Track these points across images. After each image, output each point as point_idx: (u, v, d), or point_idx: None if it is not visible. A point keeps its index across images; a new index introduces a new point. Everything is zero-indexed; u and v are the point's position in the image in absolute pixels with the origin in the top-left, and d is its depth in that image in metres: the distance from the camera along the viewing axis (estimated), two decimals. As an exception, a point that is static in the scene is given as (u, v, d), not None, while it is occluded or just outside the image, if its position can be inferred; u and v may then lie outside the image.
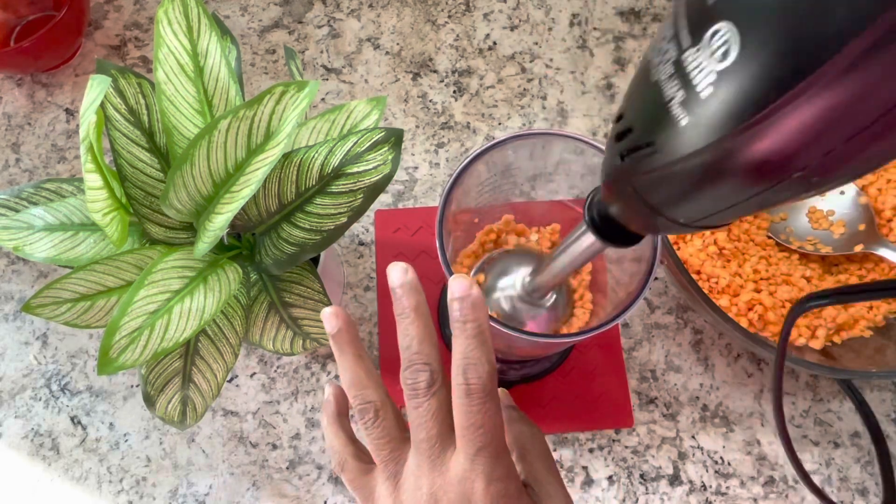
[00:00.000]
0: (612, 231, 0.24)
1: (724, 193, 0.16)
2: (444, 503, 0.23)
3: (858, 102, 0.12)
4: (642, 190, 0.18)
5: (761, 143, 0.13)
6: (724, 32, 0.13)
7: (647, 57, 0.16)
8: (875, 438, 0.46)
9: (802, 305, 0.28)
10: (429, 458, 0.24)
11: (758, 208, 0.16)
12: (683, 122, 0.15)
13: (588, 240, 0.25)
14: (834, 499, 0.46)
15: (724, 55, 0.13)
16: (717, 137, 0.14)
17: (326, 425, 0.28)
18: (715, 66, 0.13)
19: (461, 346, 0.23)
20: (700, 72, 0.14)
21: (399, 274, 0.25)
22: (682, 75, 0.14)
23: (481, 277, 0.42)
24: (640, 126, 0.17)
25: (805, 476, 0.38)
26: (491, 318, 0.28)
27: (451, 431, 0.24)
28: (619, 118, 0.18)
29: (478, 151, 0.33)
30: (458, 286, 0.24)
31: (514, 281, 0.40)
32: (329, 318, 0.26)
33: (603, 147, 0.32)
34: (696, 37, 0.14)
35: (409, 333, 0.24)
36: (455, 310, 0.24)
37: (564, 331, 0.41)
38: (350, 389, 0.26)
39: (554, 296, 0.41)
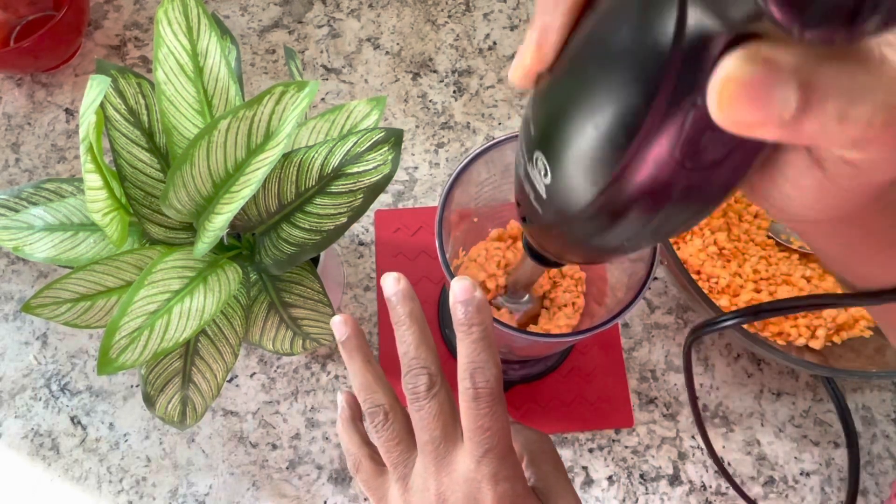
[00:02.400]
0: (542, 259, 0.27)
1: (588, 246, 0.20)
2: (451, 503, 0.23)
3: (637, 201, 0.16)
4: (540, 242, 0.24)
5: (594, 221, 0.18)
6: (539, 159, 0.17)
7: (516, 150, 0.21)
8: (848, 439, 0.46)
9: (698, 332, 0.30)
10: (434, 459, 0.24)
11: (631, 249, 0.20)
12: (540, 211, 0.19)
13: (530, 262, 0.28)
14: (834, 499, 0.47)
15: (545, 174, 0.17)
16: (562, 221, 0.19)
17: (341, 430, 0.29)
18: (543, 180, 0.18)
19: (467, 349, 0.24)
20: (536, 182, 0.18)
21: (392, 283, 0.26)
22: (529, 181, 0.19)
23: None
24: (522, 205, 0.21)
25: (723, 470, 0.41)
26: (493, 319, 0.28)
27: (454, 431, 0.24)
28: (515, 189, 0.23)
29: (477, 151, 0.33)
30: (462, 289, 0.24)
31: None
32: (339, 325, 0.28)
33: None
34: (529, 157, 0.18)
35: (406, 340, 0.25)
36: (459, 313, 0.24)
37: (537, 326, 0.42)
38: (360, 393, 0.27)
39: (529, 297, 0.42)
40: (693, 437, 0.48)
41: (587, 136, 0.15)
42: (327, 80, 0.59)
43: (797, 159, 0.15)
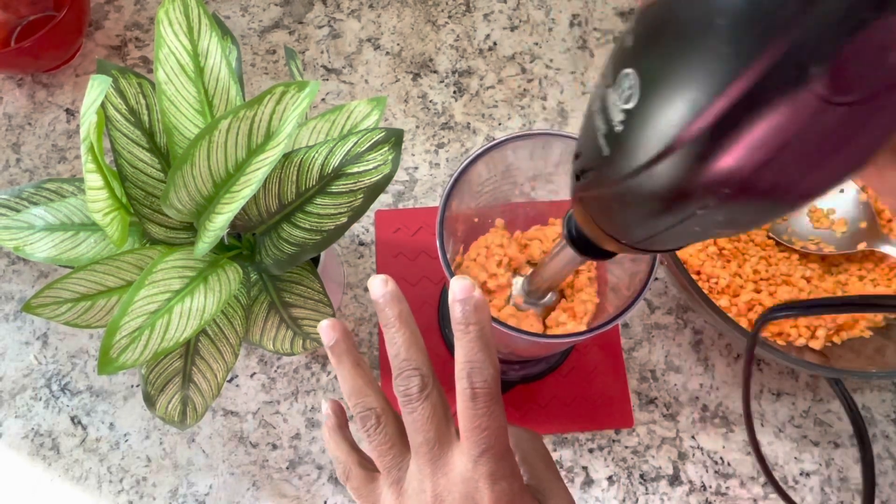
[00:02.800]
0: (586, 246, 0.25)
1: (651, 219, 0.17)
2: None
3: (738, 145, 0.13)
4: (591, 212, 0.20)
5: (664, 178, 0.14)
6: (630, 77, 0.14)
7: (591, 97, 0.18)
8: (861, 442, 0.46)
9: (769, 315, 0.29)
10: (429, 460, 0.24)
11: (695, 236, 0.17)
12: (605, 153, 0.16)
13: (568, 253, 0.26)
14: (834, 499, 0.47)
15: (629, 98, 0.14)
16: (630, 169, 0.15)
17: (328, 438, 0.28)
18: (623, 105, 0.15)
19: (464, 349, 0.23)
20: (614, 109, 0.15)
21: (379, 286, 0.25)
22: (604, 110, 0.16)
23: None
24: (584, 152, 0.18)
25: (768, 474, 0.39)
26: (492, 318, 0.28)
27: (448, 431, 0.24)
28: (578, 138, 0.20)
29: (478, 152, 0.33)
30: (460, 288, 0.24)
31: (520, 280, 0.41)
32: (326, 330, 0.27)
33: None
34: (615, 76, 0.15)
35: (396, 342, 0.25)
36: (457, 312, 0.24)
37: (556, 324, 0.42)
38: (350, 398, 0.26)
39: (552, 295, 0.41)
40: (693, 437, 0.48)
41: (707, 41, 0.12)
42: (328, 80, 0.59)
43: None
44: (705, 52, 0.13)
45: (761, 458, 0.39)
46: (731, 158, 0.13)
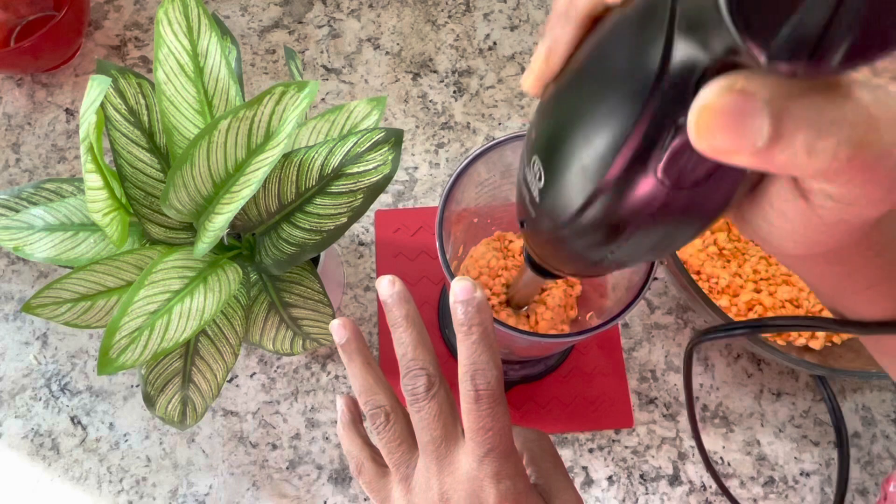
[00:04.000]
0: (542, 270, 0.27)
1: (578, 257, 0.21)
2: (454, 502, 0.23)
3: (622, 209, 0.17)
4: (536, 251, 0.24)
5: (578, 230, 0.18)
6: (536, 163, 0.18)
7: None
8: (839, 439, 0.46)
9: (697, 339, 0.30)
10: (436, 458, 0.24)
11: (626, 263, 0.21)
12: (533, 215, 0.20)
13: (530, 273, 0.28)
14: (834, 499, 0.47)
15: (540, 178, 0.18)
16: (552, 227, 0.19)
17: (342, 433, 0.29)
18: (537, 184, 0.18)
19: (467, 350, 0.24)
20: (532, 185, 0.19)
21: (387, 286, 0.26)
22: (526, 183, 0.19)
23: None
24: (519, 208, 0.22)
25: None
26: (493, 319, 0.28)
27: (455, 430, 0.25)
28: (516, 192, 0.24)
29: (477, 152, 0.33)
30: (462, 289, 0.24)
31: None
32: (338, 329, 0.27)
33: None
34: (528, 161, 0.19)
35: (404, 341, 0.25)
36: (459, 313, 0.24)
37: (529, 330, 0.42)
38: (361, 396, 0.27)
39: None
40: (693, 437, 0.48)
41: (577, 145, 0.16)
42: (327, 80, 0.59)
43: (784, 190, 0.15)
44: (583, 145, 0.16)
45: (707, 462, 0.40)
46: (623, 209, 0.16)
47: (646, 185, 0.15)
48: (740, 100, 0.12)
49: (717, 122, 0.12)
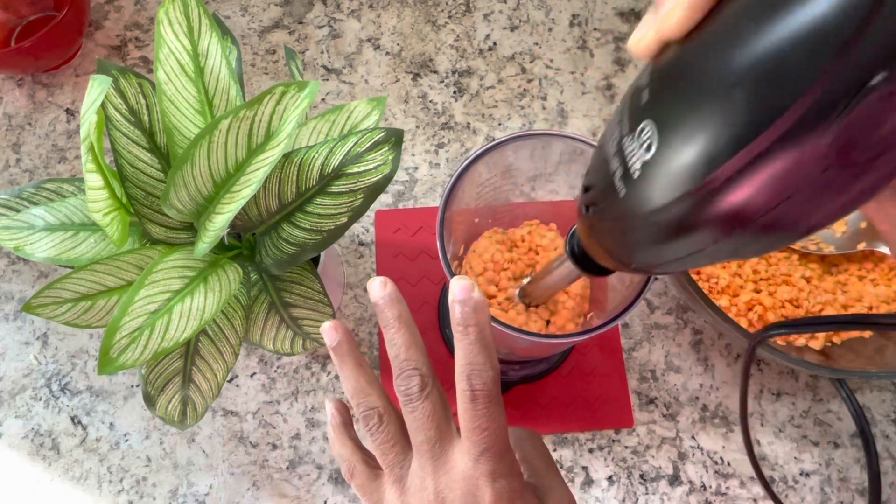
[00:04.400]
0: (588, 262, 0.26)
1: (662, 250, 0.18)
2: (449, 501, 0.23)
3: (750, 200, 0.14)
4: (601, 238, 0.21)
5: (680, 218, 0.16)
6: (648, 130, 0.16)
7: (607, 124, 0.19)
8: (865, 441, 0.46)
9: (765, 333, 0.29)
10: (431, 458, 0.24)
11: (701, 263, 0.18)
12: (622, 193, 0.17)
13: (568, 267, 0.27)
14: (834, 499, 0.47)
15: (648, 148, 0.16)
16: (647, 209, 0.17)
17: (333, 437, 0.29)
18: (642, 154, 0.16)
19: (463, 350, 0.24)
20: (632, 156, 0.17)
21: (378, 288, 0.26)
22: (621, 155, 0.17)
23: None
24: (596, 187, 0.19)
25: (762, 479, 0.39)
26: (492, 318, 0.28)
27: (449, 430, 0.25)
28: (587, 173, 0.21)
29: (478, 152, 0.33)
30: (460, 288, 0.24)
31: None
32: (329, 331, 0.27)
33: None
34: (632, 127, 0.17)
35: (396, 342, 0.25)
36: (457, 313, 0.24)
37: (549, 329, 0.42)
38: (353, 397, 0.27)
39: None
40: (693, 437, 0.48)
41: (721, 107, 0.14)
42: (328, 80, 0.59)
43: None
44: (724, 112, 0.14)
45: (757, 468, 0.39)
46: (744, 202, 0.14)
47: (808, 160, 0.13)
48: None
49: None
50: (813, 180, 0.14)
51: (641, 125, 0.16)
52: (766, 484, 0.40)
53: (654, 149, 0.16)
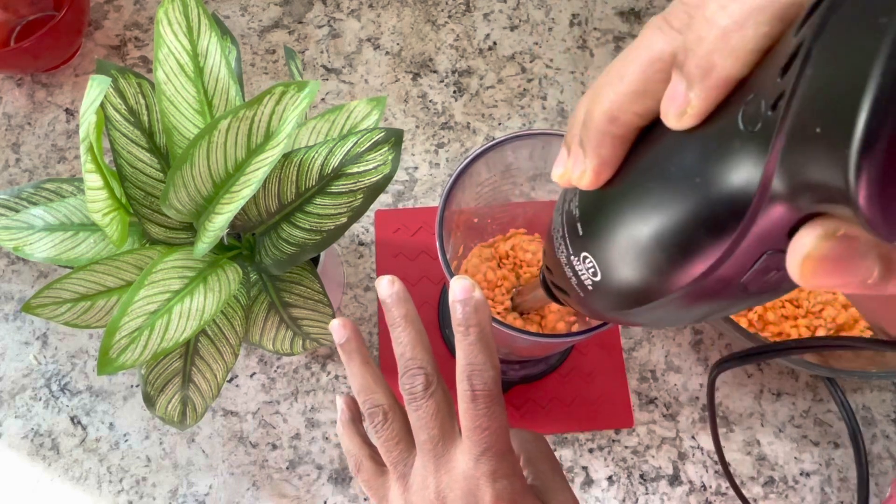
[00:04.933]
0: (559, 300, 0.27)
1: (624, 317, 0.20)
2: (450, 500, 0.24)
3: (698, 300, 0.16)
4: (567, 303, 0.24)
5: (630, 316, 0.18)
6: (590, 260, 0.18)
7: (550, 231, 0.21)
8: (853, 439, 0.46)
9: (718, 367, 0.31)
10: (433, 457, 0.24)
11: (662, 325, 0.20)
12: (581, 294, 0.20)
13: (543, 294, 0.28)
14: (834, 499, 0.47)
15: (595, 273, 0.18)
16: (604, 308, 0.19)
17: (342, 432, 0.29)
18: (591, 276, 0.18)
19: (464, 351, 0.24)
20: (582, 274, 0.19)
21: (386, 286, 0.26)
22: (572, 269, 0.19)
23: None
24: (556, 277, 0.22)
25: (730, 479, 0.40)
26: (492, 318, 0.28)
27: (452, 429, 0.25)
28: (545, 254, 0.23)
29: (478, 151, 0.33)
30: (461, 288, 0.24)
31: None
32: (337, 329, 0.28)
33: None
34: (576, 253, 0.19)
35: (402, 341, 0.25)
36: (457, 313, 0.24)
37: (535, 330, 0.42)
38: (360, 394, 0.27)
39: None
40: (693, 437, 0.48)
41: (650, 258, 0.15)
42: (327, 80, 0.59)
43: None
44: (648, 261, 0.16)
45: (729, 476, 0.40)
46: (687, 303, 0.16)
47: (719, 291, 0.15)
48: (845, 246, 0.11)
49: (822, 268, 0.12)
50: (730, 299, 0.16)
51: (583, 255, 0.18)
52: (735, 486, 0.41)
53: (599, 275, 0.18)
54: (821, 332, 0.45)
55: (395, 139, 0.32)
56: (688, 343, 0.51)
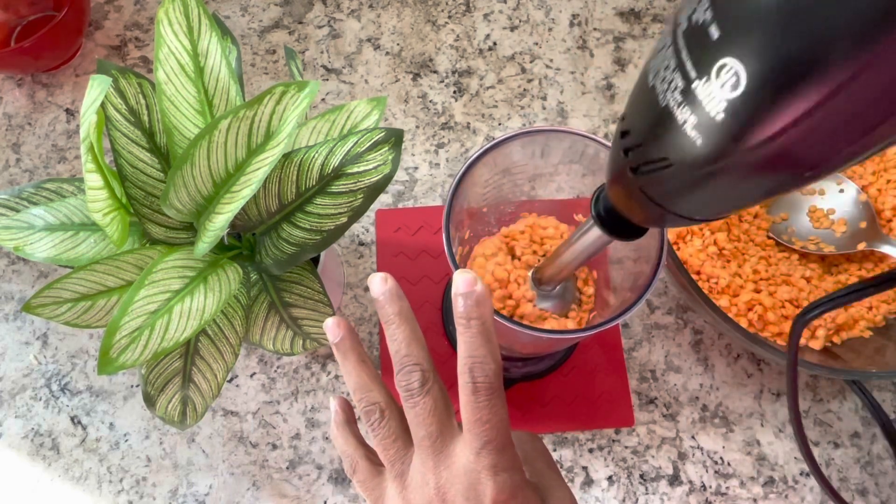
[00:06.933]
0: (617, 225, 0.25)
1: (733, 191, 0.18)
2: (451, 495, 0.23)
3: (857, 107, 0.13)
4: (650, 191, 0.20)
5: (773, 151, 0.15)
6: (730, 67, 0.15)
7: (648, 79, 0.18)
8: (887, 433, 0.45)
9: (804, 317, 0.29)
10: (432, 453, 0.24)
11: (760, 199, 0.18)
12: (699, 143, 0.16)
13: (595, 234, 0.26)
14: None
15: (734, 86, 0.15)
16: (735, 150, 0.16)
17: (336, 433, 0.29)
18: (726, 94, 0.15)
19: (466, 343, 0.24)
20: (711, 100, 0.15)
21: (379, 283, 0.26)
22: (692, 103, 0.16)
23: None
24: (653, 144, 0.18)
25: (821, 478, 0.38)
26: (495, 312, 0.28)
27: (450, 425, 0.25)
28: (624, 133, 0.20)
29: (486, 147, 0.33)
30: (463, 281, 0.24)
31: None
32: (332, 328, 0.27)
33: (603, 142, 0.32)
34: (703, 70, 0.15)
35: (397, 338, 0.25)
36: (460, 306, 0.24)
37: (571, 317, 0.41)
38: (356, 393, 0.27)
39: (564, 287, 0.41)
40: (693, 437, 0.48)
41: (821, 15, 0.13)
42: (327, 80, 0.59)
43: None
44: (827, 14, 0.13)
45: (817, 470, 0.37)
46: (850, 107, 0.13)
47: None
48: None
49: None
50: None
51: (720, 63, 0.15)
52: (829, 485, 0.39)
53: (742, 85, 0.15)
54: (821, 333, 0.45)
55: (395, 139, 0.32)
56: (688, 343, 0.51)
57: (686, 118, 0.16)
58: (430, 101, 0.58)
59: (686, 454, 0.48)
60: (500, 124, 0.58)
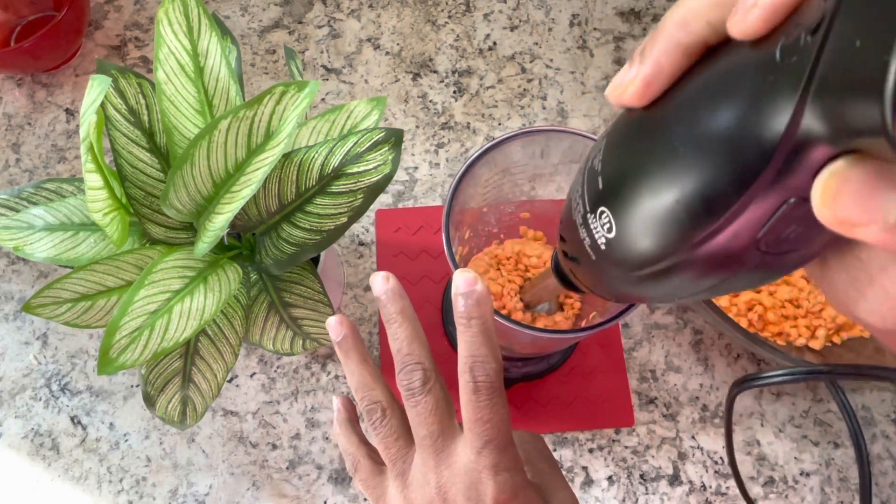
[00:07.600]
0: (571, 283, 0.27)
1: (635, 292, 0.20)
2: (452, 495, 0.23)
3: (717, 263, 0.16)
4: (580, 278, 0.23)
5: (648, 278, 0.18)
6: (606, 214, 0.18)
7: (572, 188, 0.21)
8: (854, 440, 0.46)
9: (739, 386, 0.31)
10: (433, 452, 0.24)
11: (669, 300, 0.20)
12: (593, 257, 0.19)
13: (555, 282, 0.28)
14: (834, 499, 0.47)
15: (609, 230, 0.18)
16: (619, 271, 0.19)
17: (338, 432, 0.29)
18: (605, 233, 0.18)
19: (466, 343, 0.24)
20: (597, 232, 0.18)
21: (381, 282, 0.26)
22: (587, 228, 0.19)
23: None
24: (570, 244, 0.21)
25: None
26: (495, 312, 0.28)
27: (451, 424, 0.25)
28: (561, 223, 0.23)
29: (486, 147, 0.33)
30: (464, 281, 0.24)
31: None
32: (334, 326, 0.27)
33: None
34: (592, 208, 0.18)
35: (399, 336, 0.25)
36: (460, 305, 0.24)
37: (550, 326, 0.42)
38: (357, 392, 0.27)
39: (548, 304, 0.42)
40: (693, 437, 0.48)
41: (667, 206, 0.15)
42: (327, 80, 0.59)
43: (893, 264, 0.14)
44: (669, 216, 0.15)
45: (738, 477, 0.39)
46: (702, 265, 0.16)
47: (738, 248, 0.15)
48: (874, 171, 0.11)
49: (846, 190, 0.11)
50: (744, 264, 0.15)
51: (600, 209, 0.18)
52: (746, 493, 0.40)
53: (614, 231, 0.17)
54: (821, 333, 0.45)
55: (395, 139, 0.32)
56: (688, 343, 0.51)
57: (584, 237, 0.19)
58: (430, 101, 0.58)
59: (686, 454, 0.48)
60: (500, 124, 0.58)
